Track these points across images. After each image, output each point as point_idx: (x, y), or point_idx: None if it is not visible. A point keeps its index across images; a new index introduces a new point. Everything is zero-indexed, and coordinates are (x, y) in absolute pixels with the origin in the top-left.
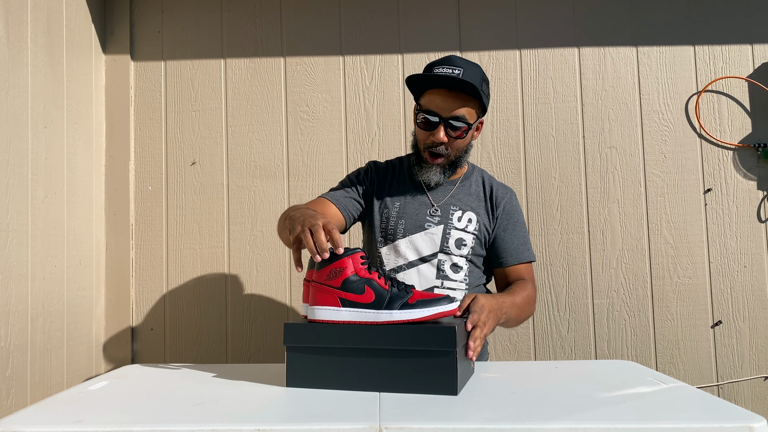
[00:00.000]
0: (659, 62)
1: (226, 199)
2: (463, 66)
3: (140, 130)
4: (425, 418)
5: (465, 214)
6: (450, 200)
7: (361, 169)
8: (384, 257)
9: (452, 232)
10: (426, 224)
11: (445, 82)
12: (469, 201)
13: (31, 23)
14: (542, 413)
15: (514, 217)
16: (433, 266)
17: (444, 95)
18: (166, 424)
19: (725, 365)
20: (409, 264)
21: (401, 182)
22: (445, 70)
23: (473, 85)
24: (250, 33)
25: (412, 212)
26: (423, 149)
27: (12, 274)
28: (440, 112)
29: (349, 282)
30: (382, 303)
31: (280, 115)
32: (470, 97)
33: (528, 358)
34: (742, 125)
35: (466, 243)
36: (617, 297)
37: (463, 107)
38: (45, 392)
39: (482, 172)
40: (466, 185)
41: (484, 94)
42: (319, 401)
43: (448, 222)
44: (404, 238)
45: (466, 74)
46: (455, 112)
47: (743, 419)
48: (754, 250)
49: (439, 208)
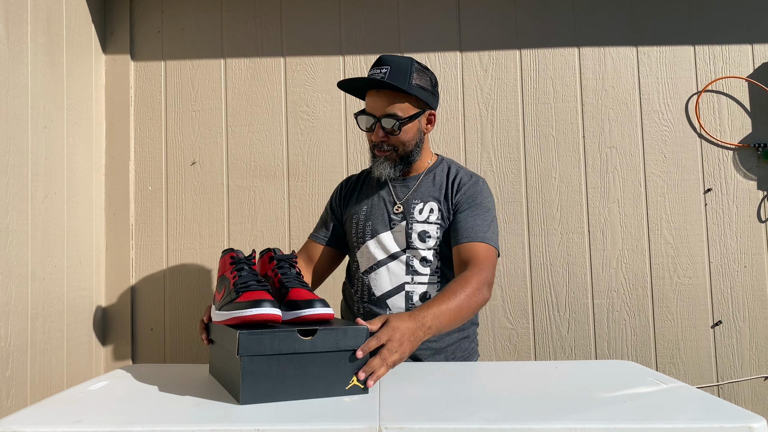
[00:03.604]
0: (659, 62)
1: (226, 199)
2: (390, 64)
3: (140, 130)
4: (425, 418)
5: (426, 205)
6: (413, 195)
7: (333, 193)
8: (359, 260)
9: (414, 225)
10: (392, 222)
11: (369, 84)
12: (431, 192)
13: (31, 23)
14: (542, 413)
15: (476, 200)
16: (402, 263)
17: (374, 96)
18: (166, 424)
19: (725, 365)
20: (378, 263)
21: (370, 186)
22: (374, 71)
23: (393, 85)
24: (250, 33)
25: (378, 212)
26: (371, 148)
27: (12, 274)
28: (374, 112)
29: (219, 281)
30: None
31: (280, 115)
32: (402, 94)
33: (528, 358)
34: (742, 125)
35: (431, 235)
36: (617, 297)
37: (394, 104)
38: (45, 392)
39: (451, 163)
40: (429, 177)
41: (417, 88)
42: (319, 401)
43: (410, 216)
44: (372, 239)
45: (392, 72)
46: (387, 110)
47: (743, 419)
48: (754, 250)
49: (402, 205)
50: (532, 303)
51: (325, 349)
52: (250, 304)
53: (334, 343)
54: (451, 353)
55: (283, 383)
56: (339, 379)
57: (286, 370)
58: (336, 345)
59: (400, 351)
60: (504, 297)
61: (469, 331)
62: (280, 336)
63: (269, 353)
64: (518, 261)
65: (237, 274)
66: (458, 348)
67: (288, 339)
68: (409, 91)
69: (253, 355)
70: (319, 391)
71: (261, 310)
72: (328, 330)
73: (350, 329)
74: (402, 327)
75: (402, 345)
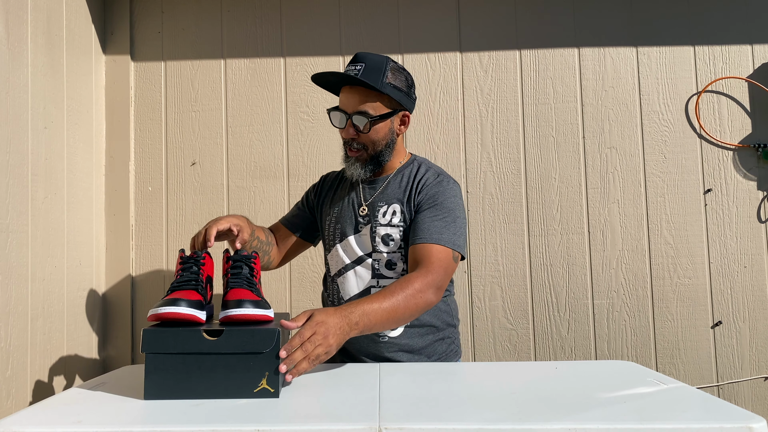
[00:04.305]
0: (659, 62)
1: (226, 200)
2: (365, 61)
3: (140, 131)
4: (425, 418)
5: (390, 208)
6: (378, 197)
7: (312, 186)
8: (330, 263)
9: (378, 229)
10: (358, 225)
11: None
12: (396, 194)
13: (31, 23)
14: (542, 413)
15: (437, 200)
16: (369, 267)
17: (347, 92)
18: (166, 424)
19: (725, 366)
20: (346, 267)
21: (344, 187)
22: (349, 68)
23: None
24: (250, 33)
25: (347, 215)
26: (344, 146)
27: (12, 274)
28: (346, 108)
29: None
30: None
31: (280, 115)
32: (375, 92)
33: (528, 359)
34: (742, 125)
35: (394, 238)
36: (617, 297)
37: (365, 102)
38: (45, 393)
39: (422, 162)
40: (398, 179)
41: (391, 87)
42: (318, 402)
43: (374, 220)
44: (341, 242)
45: (366, 70)
46: (359, 107)
47: (743, 420)
48: (754, 251)
49: (367, 207)
50: (532, 303)
51: (231, 351)
52: (166, 302)
53: (240, 345)
54: (426, 356)
55: (188, 382)
56: (247, 381)
57: (192, 369)
58: (242, 347)
59: (325, 345)
60: (504, 297)
61: (445, 332)
62: (184, 334)
63: (173, 351)
64: (518, 261)
65: (179, 274)
66: (433, 351)
67: (192, 338)
68: (381, 89)
69: (156, 353)
70: (227, 391)
71: (173, 308)
72: (234, 331)
73: (259, 331)
74: (327, 321)
75: (327, 338)
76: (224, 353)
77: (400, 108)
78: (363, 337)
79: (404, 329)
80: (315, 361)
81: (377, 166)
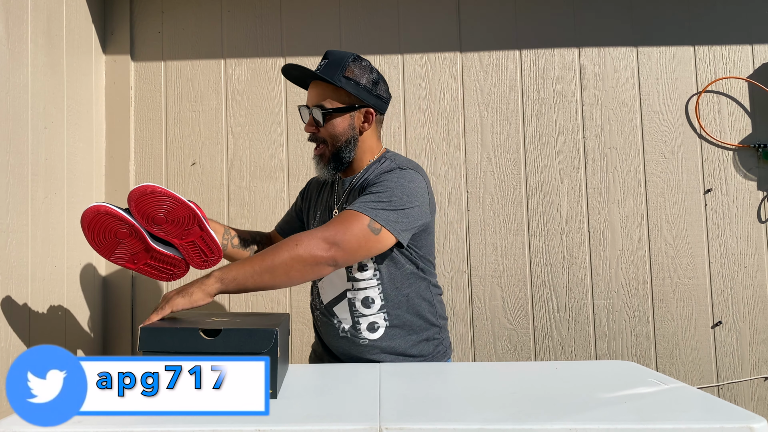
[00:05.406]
0: (659, 62)
1: (226, 200)
2: (329, 57)
3: (140, 131)
4: (425, 418)
5: None
6: (346, 198)
7: (302, 189)
8: None
9: None
10: None
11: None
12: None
13: (31, 23)
14: (542, 413)
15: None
16: (343, 270)
17: (311, 88)
18: (166, 424)
19: (725, 366)
20: None
21: (326, 190)
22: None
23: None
24: (250, 33)
25: (323, 219)
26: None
27: (12, 274)
28: (308, 102)
29: None
30: None
31: (280, 115)
32: (334, 87)
33: (528, 359)
34: (742, 126)
35: None
36: (617, 297)
37: (323, 96)
38: None
39: (390, 157)
40: (365, 177)
41: (347, 81)
42: (319, 401)
43: None
44: None
45: (327, 65)
46: (317, 101)
47: (743, 420)
48: (754, 251)
49: (338, 209)
50: (532, 303)
51: (228, 350)
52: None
53: (238, 345)
54: (411, 357)
55: None
56: None
57: None
58: (240, 346)
59: (184, 292)
60: (504, 297)
61: (429, 333)
62: (181, 333)
63: (170, 350)
64: (518, 261)
65: None
66: (419, 352)
67: (189, 337)
68: (335, 82)
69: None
70: None
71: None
72: (232, 331)
73: (257, 331)
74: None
75: (185, 289)
76: (221, 353)
77: (361, 104)
78: (344, 340)
79: (384, 331)
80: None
81: (339, 163)
